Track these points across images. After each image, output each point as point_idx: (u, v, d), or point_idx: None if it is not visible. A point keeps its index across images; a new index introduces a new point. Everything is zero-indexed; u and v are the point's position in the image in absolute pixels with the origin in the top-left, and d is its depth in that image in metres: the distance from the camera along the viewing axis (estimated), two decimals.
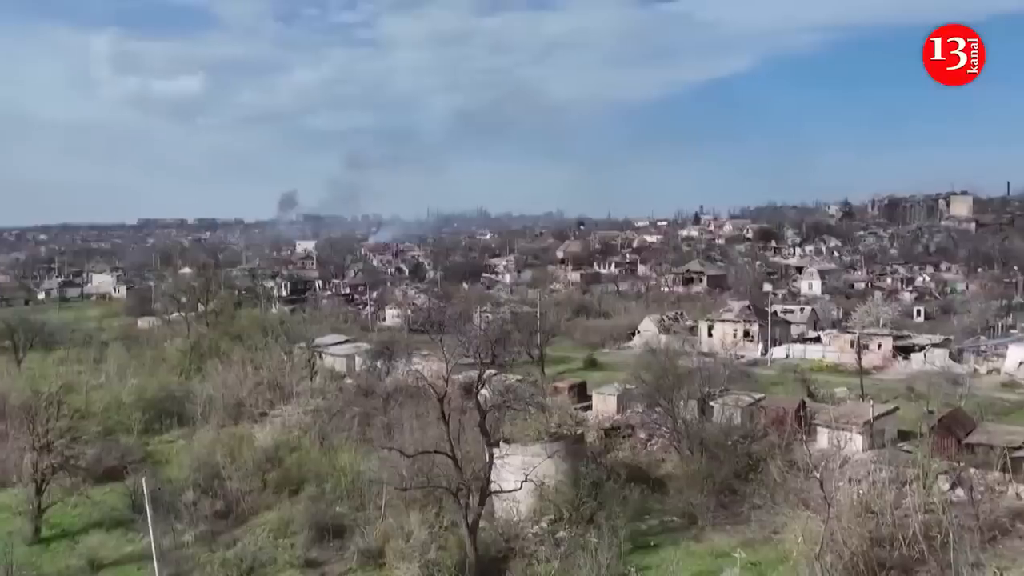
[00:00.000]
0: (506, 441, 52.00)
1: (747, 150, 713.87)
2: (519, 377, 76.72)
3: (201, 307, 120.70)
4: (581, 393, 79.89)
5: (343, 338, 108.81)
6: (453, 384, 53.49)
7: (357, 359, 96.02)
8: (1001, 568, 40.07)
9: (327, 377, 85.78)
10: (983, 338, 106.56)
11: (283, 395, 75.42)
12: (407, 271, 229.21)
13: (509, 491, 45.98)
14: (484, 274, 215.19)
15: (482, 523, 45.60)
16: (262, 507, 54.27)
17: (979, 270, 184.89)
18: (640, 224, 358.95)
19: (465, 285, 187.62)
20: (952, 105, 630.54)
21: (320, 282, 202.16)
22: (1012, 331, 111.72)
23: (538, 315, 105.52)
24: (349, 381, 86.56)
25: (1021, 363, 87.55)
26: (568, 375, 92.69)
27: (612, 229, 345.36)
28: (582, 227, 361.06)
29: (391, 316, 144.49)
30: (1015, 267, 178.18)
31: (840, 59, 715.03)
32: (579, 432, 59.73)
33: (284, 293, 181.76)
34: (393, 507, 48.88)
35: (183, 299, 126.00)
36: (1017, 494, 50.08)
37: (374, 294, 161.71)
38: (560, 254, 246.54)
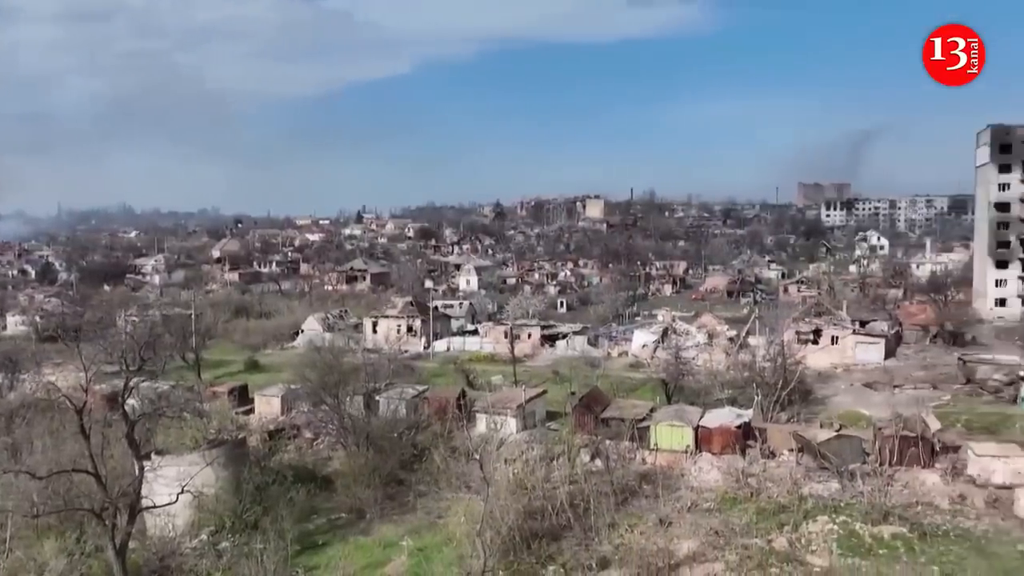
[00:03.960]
0: (159, 452, 48.58)
1: (408, 151, 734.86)
2: (172, 383, 72.57)
3: None
4: (243, 396, 76.51)
5: None
6: (95, 395, 48.49)
7: None
8: (631, 524, 45.43)
9: None
10: (614, 325, 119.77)
11: None
12: (33, 273, 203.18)
13: (163, 505, 42.51)
14: (129, 275, 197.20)
15: (132, 543, 41.70)
16: None
17: (610, 265, 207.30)
18: (302, 223, 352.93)
19: (107, 287, 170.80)
20: (585, 118, 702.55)
21: None
22: (637, 318, 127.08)
23: (192, 317, 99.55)
24: None
25: (644, 345, 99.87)
26: (228, 378, 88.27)
27: (272, 227, 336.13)
28: (240, 225, 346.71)
29: (14, 324, 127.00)
30: (638, 262, 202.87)
31: (493, 69, 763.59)
32: (241, 437, 57.36)
33: None
34: (22, 538, 42.83)
35: None
36: (643, 459, 57.08)
37: None
38: (216, 253, 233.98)
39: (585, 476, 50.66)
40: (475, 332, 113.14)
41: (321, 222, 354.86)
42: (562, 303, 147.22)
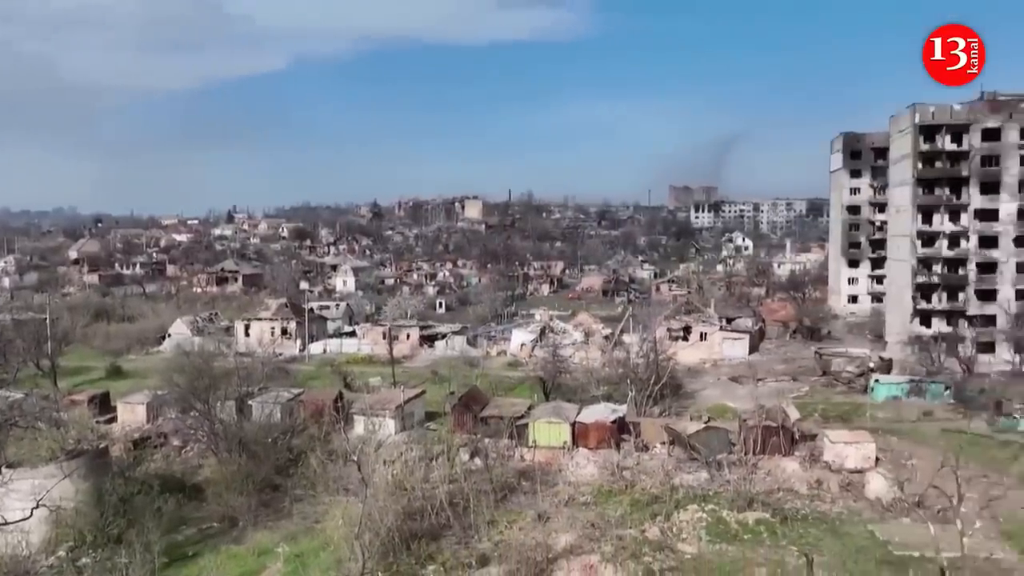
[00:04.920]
0: (10, 465, 45.49)
1: (282, 150, 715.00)
2: (26, 392, 68.67)
3: None
4: (104, 404, 72.64)
5: None
6: None
7: None
8: (511, 521, 45.97)
9: None
10: (493, 325, 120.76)
11: None
12: None
13: (16, 521, 39.85)
14: None
15: None
16: None
17: (488, 265, 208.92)
18: (168, 222, 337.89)
19: None
20: (462, 120, 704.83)
21: None
22: (515, 318, 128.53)
23: (47, 321, 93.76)
24: None
25: (522, 344, 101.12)
26: (88, 386, 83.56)
27: (136, 227, 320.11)
28: (100, 225, 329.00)
29: None
30: (517, 263, 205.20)
31: (369, 68, 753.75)
32: (102, 446, 54.37)
33: None
34: None
35: None
36: (521, 456, 57.76)
37: None
38: (74, 254, 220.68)
39: (464, 475, 50.81)
40: (352, 334, 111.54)
41: (189, 222, 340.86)
42: (441, 303, 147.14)
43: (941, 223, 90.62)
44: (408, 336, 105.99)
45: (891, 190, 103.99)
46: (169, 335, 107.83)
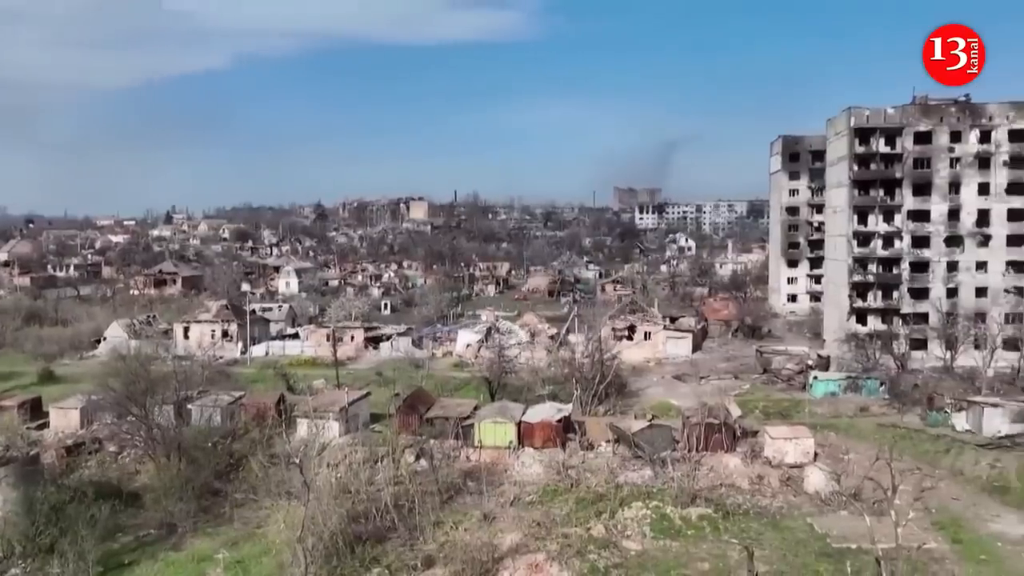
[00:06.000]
0: None
1: (224, 150, 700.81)
2: None
3: None
4: (35, 410, 70.25)
5: None
6: None
7: None
8: (456, 522, 45.77)
9: None
10: (439, 325, 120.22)
11: None
12: None
13: None
14: None
15: None
16: None
17: (434, 266, 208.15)
18: (104, 223, 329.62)
19: None
20: (409, 120, 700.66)
21: None
22: (461, 319, 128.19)
23: None
24: None
25: (468, 345, 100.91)
26: (18, 391, 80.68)
27: (70, 228, 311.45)
28: (31, 225, 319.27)
29: None
30: (462, 263, 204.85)
31: (313, 67, 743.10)
32: (33, 453, 52.82)
33: None
34: None
35: None
36: (467, 457, 57.58)
37: None
38: (4, 256, 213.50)
39: (410, 476, 50.51)
40: (296, 336, 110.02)
41: (126, 223, 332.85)
42: (386, 305, 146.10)
43: (876, 223, 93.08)
44: (353, 338, 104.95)
45: (828, 191, 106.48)
46: (105, 339, 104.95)
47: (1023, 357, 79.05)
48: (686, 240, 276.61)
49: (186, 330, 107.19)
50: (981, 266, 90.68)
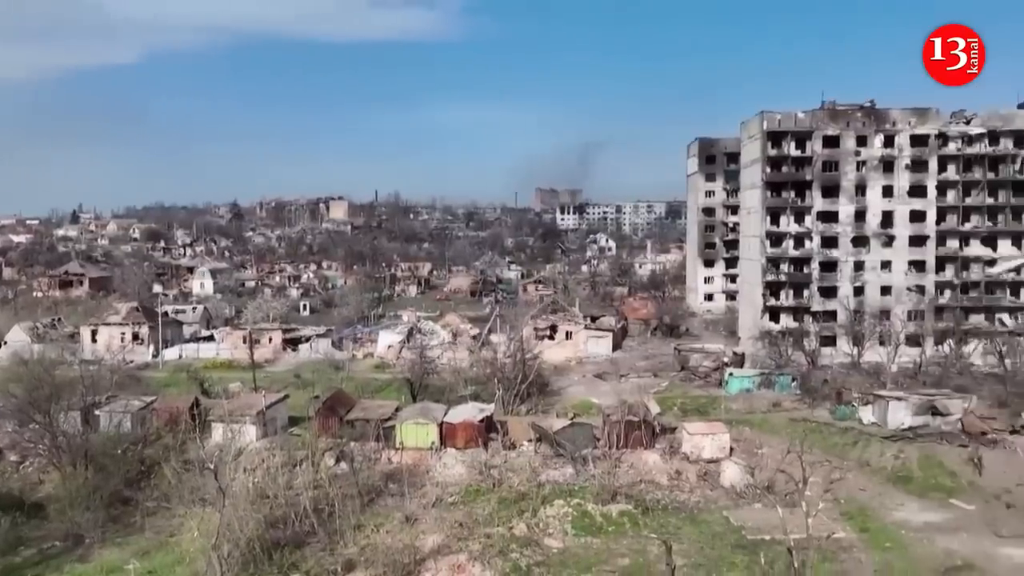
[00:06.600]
0: None
1: (133, 147, 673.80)
2: None
3: None
4: None
5: None
6: None
7: None
8: (378, 524, 45.29)
9: None
10: (359, 326, 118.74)
11: None
12: None
13: None
14: None
15: None
16: None
17: (355, 267, 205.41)
18: (5, 222, 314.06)
19: None
20: (327, 119, 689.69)
21: None
22: (382, 319, 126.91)
23: None
24: None
25: (390, 346, 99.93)
26: None
27: None
28: None
29: None
30: (384, 264, 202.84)
31: (228, 63, 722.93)
32: None
33: None
34: None
35: None
36: (389, 459, 57.00)
37: None
38: None
39: (330, 480, 49.79)
40: (211, 338, 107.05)
41: (29, 222, 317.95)
42: (305, 306, 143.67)
43: (788, 224, 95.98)
44: (270, 339, 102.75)
45: (743, 193, 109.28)
46: (5, 343, 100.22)
47: (924, 352, 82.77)
48: (606, 240, 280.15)
49: (94, 333, 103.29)
50: (886, 265, 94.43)
